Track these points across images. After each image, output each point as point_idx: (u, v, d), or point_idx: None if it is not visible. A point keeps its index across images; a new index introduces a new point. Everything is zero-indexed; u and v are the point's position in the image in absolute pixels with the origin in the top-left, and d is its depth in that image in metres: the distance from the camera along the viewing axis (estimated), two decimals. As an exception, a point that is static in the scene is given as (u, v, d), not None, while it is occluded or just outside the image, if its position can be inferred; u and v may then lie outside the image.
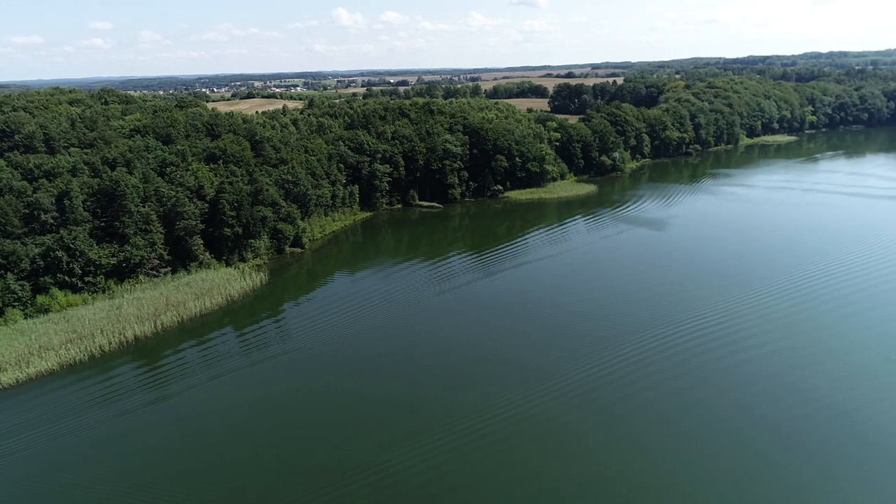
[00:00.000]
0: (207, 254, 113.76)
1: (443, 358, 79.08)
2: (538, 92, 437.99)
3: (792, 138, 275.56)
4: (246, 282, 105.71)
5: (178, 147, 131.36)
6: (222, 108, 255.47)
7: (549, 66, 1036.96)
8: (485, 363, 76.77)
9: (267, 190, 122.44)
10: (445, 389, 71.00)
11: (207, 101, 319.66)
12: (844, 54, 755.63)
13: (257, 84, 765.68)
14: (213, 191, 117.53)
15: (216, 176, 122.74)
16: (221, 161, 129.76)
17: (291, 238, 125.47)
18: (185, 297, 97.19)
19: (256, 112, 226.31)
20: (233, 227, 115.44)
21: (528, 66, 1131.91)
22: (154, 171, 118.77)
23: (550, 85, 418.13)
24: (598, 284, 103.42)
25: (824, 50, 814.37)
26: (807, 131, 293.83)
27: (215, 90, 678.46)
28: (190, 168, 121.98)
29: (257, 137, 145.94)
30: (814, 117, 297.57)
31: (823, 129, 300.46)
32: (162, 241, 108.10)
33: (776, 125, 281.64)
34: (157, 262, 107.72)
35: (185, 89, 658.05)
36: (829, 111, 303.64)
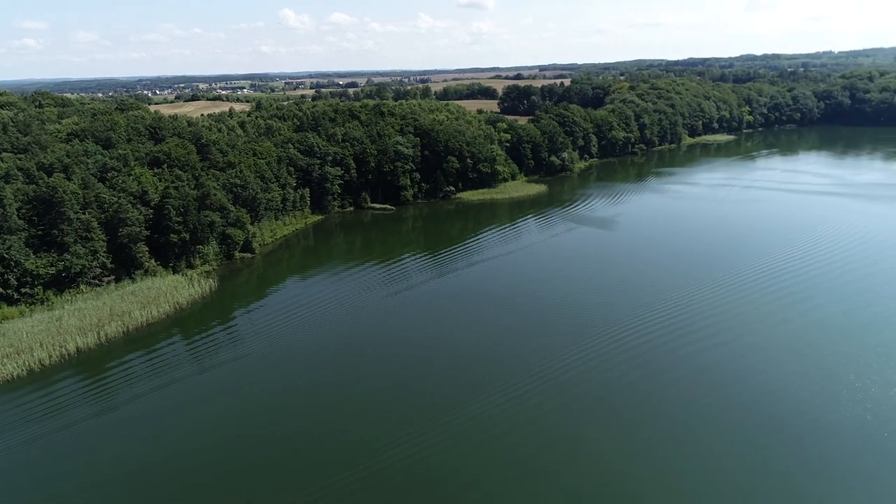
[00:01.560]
0: (153, 261, 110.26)
1: (406, 353, 78.94)
2: (488, 93, 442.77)
3: (731, 137, 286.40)
4: (194, 289, 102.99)
5: (120, 151, 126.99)
6: (165, 110, 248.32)
7: (497, 68, 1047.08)
8: (449, 358, 77.07)
9: (214, 194, 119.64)
10: (412, 385, 70.96)
11: (149, 104, 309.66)
12: (777, 56, 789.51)
13: (202, 86, 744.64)
14: (158, 196, 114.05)
15: (161, 181, 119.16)
16: (166, 165, 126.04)
17: (241, 243, 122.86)
18: (130, 307, 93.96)
19: (202, 115, 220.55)
20: (179, 233, 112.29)
21: (477, 68, 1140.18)
22: (94, 177, 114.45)
23: (500, 86, 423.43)
24: (556, 278, 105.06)
25: (759, 52, 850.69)
26: (745, 131, 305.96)
27: (157, 92, 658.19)
28: (133, 173, 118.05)
29: (203, 140, 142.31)
30: (751, 117, 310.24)
31: (760, 129, 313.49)
32: (104, 249, 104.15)
33: (716, 125, 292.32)
34: (100, 270, 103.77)
35: (126, 91, 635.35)
36: (765, 111, 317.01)
